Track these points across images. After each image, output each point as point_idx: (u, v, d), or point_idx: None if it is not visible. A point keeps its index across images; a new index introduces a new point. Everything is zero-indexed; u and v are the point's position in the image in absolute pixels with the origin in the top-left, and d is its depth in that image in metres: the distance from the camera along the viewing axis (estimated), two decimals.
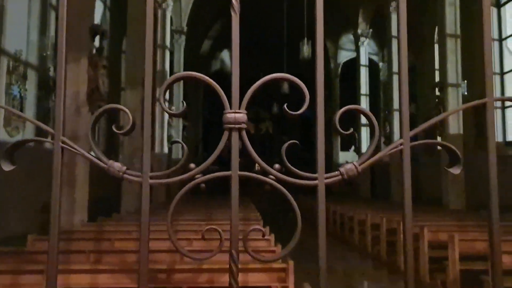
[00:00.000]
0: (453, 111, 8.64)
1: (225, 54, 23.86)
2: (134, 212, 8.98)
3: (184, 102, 0.97)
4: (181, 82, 14.86)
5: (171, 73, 13.99)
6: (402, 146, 0.98)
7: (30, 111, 8.11)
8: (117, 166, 0.94)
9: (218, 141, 0.96)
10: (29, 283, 3.78)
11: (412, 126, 1.05)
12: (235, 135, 0.95)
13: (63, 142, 0.93)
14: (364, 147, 16.93)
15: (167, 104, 12.60)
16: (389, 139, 13.94)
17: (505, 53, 10.72)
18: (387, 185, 14.68)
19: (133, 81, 10.27)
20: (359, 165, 0.97)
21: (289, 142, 0.98)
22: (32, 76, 8.45)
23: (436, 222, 7.24)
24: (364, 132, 16.81)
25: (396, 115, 13.83)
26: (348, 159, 19.01)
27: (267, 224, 6.85)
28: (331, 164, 20.07)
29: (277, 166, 0.96)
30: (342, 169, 0.97)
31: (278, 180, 0.95)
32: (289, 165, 0.94)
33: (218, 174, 0.99)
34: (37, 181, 7.51)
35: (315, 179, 0.96)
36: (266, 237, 5.82)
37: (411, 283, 1.03)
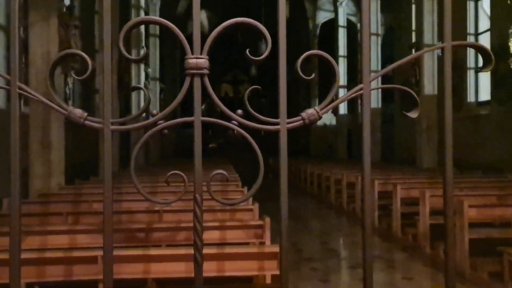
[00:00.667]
0: (415, 55, 8.78)
1: (202, 15, 23.21)
2: (112, 175, 8.94)
3: (145, 47, 0.96)
4: (157, 44, 14.51)
5: (146, 34, 13.59)
6: (361, 91, 1.00)
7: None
8: (78, 112, 0.93)
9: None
10: (5, 245, 3.80)
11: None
12: (197, 81, 0.95)
13: (20, 88, 0.91)
14: (341, 109, 17.05)
15: (142, 66, 12.31)
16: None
17: (480, 13, 10.78)
18: (361, 146, 14.90)
19: (101, 43, 9.95)
20: (320, 110, 0.99)
21: (251, 87, 0.99)
22: (1, 37, 8.09)
23: (408, 180, 7.47)
24: (342, 92, 16.80)
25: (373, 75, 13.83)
26: (326, 121, 19.18)
27: (245, 184, 6.97)
28: (309, 126, 20.10)
29: (239, 111, 0.97)
30: (303, 114, 0.98)
31: (240, 125, 0.96)
32: (252, 110, 0.95)
33: (180, 120, 0.99)
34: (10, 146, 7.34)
35: (277, 124, 0.98)
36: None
37: (369, 234, 1.08)
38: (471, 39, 10.69)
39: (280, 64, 0.95)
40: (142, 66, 12.17)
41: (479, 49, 1.05)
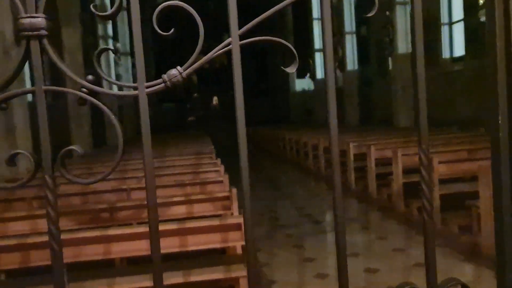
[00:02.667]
0: None
1: None
2: (81, 156, 8.77)
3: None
4: (124, 16, 13.94)
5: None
6: (230, 46, 0.88)
7: None
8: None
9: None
10: None
11: (365, 48, 0.95)
12: (34, 44, 0.82)
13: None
14: (319, 73, 16.90)
15: (111, 41, 11.87)
16: (342, 63, 13.91)
17: None
18: (342, 110, 14.89)
19: (69, 18, 9.54)
20: (184, 70, 0.87)
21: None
22: None
23: (383, 141, 7.47)
24: (319, 58, 16.67)
25: (348, 38, 13.69)
26: (304, 86, 18.98)
27: (220, 156, 6.89)
28: (288, 93, 20.02)
29: (89, 77, 0.85)
30: (165, 76, 0.87)
31: (92, 92, 0.84)
32: (105, 75, 0.83)
33: (19, 91, 0.85)
34: None
35: (136, 88, 0.86)
36: (216, 168, 5.86)
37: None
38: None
39: (135, 31, 0.82)
40: (111, 41, 11.76)
41: None
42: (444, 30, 10.70)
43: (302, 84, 18.96)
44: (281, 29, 17.80)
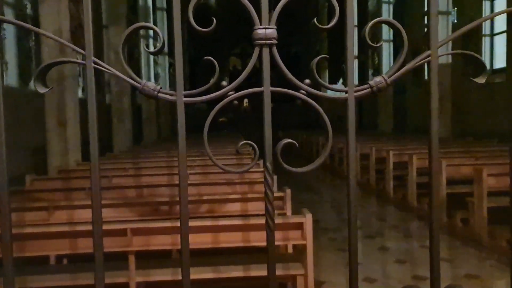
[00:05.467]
0: (483, 19, 8.51)
1: None
2: (128, 150, 9.04)
3: (214, 18, 0.96)
4: (164, 17, 14.30)
5: (154, 7, 13.40)
6: (429, 58, 1.00)
7: (11, 51, 7.81)
8: (151, 85, 0.94)
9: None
10: (34, 219, 3.90)
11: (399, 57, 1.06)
12: (265, 51, 0.95)
13: (95, 62, 0.92)
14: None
15: (151, 40, 12.20)
16: (377, 71, 13.89)
17: None
18: (374, 116, 14.87)
19: (116, 18, 9.86)
20: (388, 77, 0.99)
21: (320, 56, 0.99)
22: (8, 14, 8.03)
23: (424, 150, 7.46)
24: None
25: (385, 46, 13.68)
26: (336, 93, 18.89)
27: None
28: (321, 98, 19.91)
29: (307, 81, 0.97)
30: (371, 82, 0.99)
31: (308, 94, 0.97)
32: (319, 78, 0.96)
33: (250, 91, 1.00)
34: (25, 124, 7.43)
35: (345, 92, 0.99)
36: (260, 169, 5.98)
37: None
38: (486, 5, 10.41)
39: (348, 34, 0.96)
40: (151, 41, 12.08)
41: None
42: (486, 41, 10.60)
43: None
44: (316, 34, 17.86)
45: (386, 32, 13.66)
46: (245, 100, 20.05)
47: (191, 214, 4.25)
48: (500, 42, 10.17)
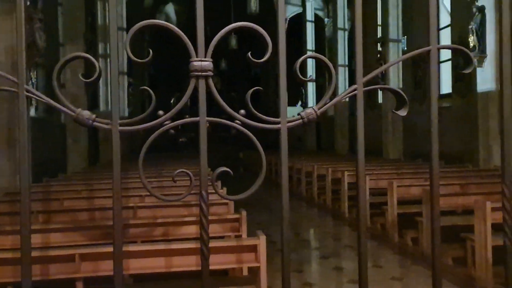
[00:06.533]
0: (403, 57, 8.93)
1: (169, 8, 22.90)
2: (82, 171, 8.76)
3: (150, 50, 0.99)
4: (124, 37, 14.15)
5: None
6: (356, 91, 1.07)
7: None
8: (86, 114, 0.95)
9: (165, 98, 1.00)
10: None
11: (354, 80, 1.14)
12: (202, 83, 0.99)
13: (28, 91, 0.92)
14: (310, 102, 17.33)
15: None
16: (334, 94, 14.28)
17: (442, 9, 11.17)
18: (331, 138, 15.25)
19: (73, 36, 9.68)
20: (318, 109, 1.05)
21: (254, 88, 1.04)
22: None
23: (376, 171, 7.72)
24: (310, 87, 17.16)
25: (340, 70, 14.20)
26: (295, 114, 19.30)
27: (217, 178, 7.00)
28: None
29: (242, 111, 1.01)
30: (302, 113, 1.04)
31: (243, 124, 1.01)
32: (254, 110, 1.00)
33: (187, 120, 1.02)
34: None
35: (278, 123, 1.03)
36: (219, 190, 5.96)
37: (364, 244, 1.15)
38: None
39: (281, 65, 1.01)
40: (109, 60, 11.89)
41: (462, 52, 1.14)
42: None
43: (293, 112, 19.33)
44: (275, 57, 18.22)
45: (342, 57, 14.19)
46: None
47: (145, 237, 4.16)
48: (446, 69, 10.80)
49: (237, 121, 1.00)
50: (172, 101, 18.51)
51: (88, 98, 9.24)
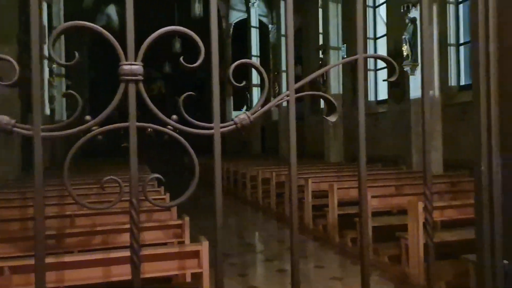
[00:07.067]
0: (330, 66, 9.24)
1: (111, 9, 22.18)
2: (15, 179, 8.23)
3: (77, 53, 0.95)
4: (63, 39, 13.52)
5: (50, 28, 12.61)
6: (288, 98, 1.09)
7: None
8: (5, 119, 0.89)
9: (107, 102, 0.96)
10: None
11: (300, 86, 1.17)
12: (131, 87, 0.96)
13: None
14: None
15: (46, 62, 11.39)
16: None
17: (378, 20, 11.75)
18: (275, 142, 15.50)
19: (5, 36, 9.10)
20: (251, 114, 1.06)
21: (186, 93, 1.03)
22: None
23: (318, 174, 7.94)
24: (256, 92, 17.32)
25: (284, 76, 14.47)
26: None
27: (160, 184, 6.86)
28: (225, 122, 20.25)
29: (174, 117, 1.00)
30: (236, 119, 1.05)
31: (175, 130, 1.00)
32: (186, 115, 0.99)
33: (115, 126, 0.99)
34: None
35: (211, 128, 1.03)
36: (162, 196, 5.85)
37: (295, 228, 1.18)
38: (370, 43, 11.61)
39: (213, 71, 1.01)
40: (46, 62, 11.30)
41: (386, 61, 1.20)
42: (371, 75, 11.76)
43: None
44: (220, 61, 18.26)
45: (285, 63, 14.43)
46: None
47: (82, 247, 3.98)
48: (382, 76, 11.36)
49: (169, 127, 0.99)
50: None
51: (23, 101, 8.68)
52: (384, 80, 10.93)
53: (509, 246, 1.24)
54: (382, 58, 1.21)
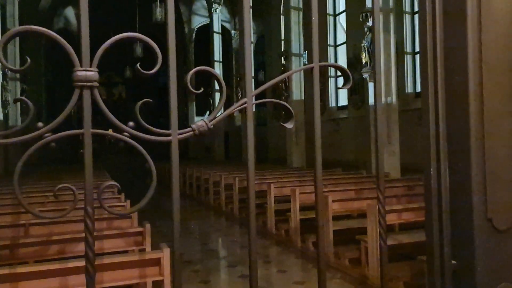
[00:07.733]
0: (289, 73, 9.44)
1: (69, 12, 21.52)
2: None
3: (28, 58, 0.92)
4: (17, 42, 12.99)
5: (3, 30, 12.06)
6: (246, 105, 1.11)
7: None
8: None
9: (65, 106, 0.94)
10: None
11: (262, 92, 1.19)
12: (86, 93, 0.95)
13: None
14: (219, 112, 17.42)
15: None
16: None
17: (338, 27, 12.06)
18: (239, 148, 15.53)
19: None
20: (209, 121, 1.07)
21: (143, 100, 1.02)
22: None
23: (281, 179, 8.01)
24: (218, 97, 17.29)
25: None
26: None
27: (122, 191, 6.71)
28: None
29: (131, 123, 0.99)
30: (194, 126, 1.06)
31: (132, 137, 0.99)
32: (143, 122, 0.99)
33: (69, 133, 0.97)
34: None
35: (169, 135, 1.03)
36: (122, 203, 5.72)
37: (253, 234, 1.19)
38: (330, 50, 11.88)
39: (171, 78, 1.01)
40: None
41: (340, 69, 1.25)
42: (331, 81, 12.03)
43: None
44: (182, 66, 18.15)
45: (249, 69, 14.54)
46: (110, 130, 18.98)
47: (38, 257, 3.83)
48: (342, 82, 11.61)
49: (126, 133, 0.98)
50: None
51: None
52: (338, 88, 11.22)
53: (456, 247, 1.31)
54: (337, 67, 1.26)
